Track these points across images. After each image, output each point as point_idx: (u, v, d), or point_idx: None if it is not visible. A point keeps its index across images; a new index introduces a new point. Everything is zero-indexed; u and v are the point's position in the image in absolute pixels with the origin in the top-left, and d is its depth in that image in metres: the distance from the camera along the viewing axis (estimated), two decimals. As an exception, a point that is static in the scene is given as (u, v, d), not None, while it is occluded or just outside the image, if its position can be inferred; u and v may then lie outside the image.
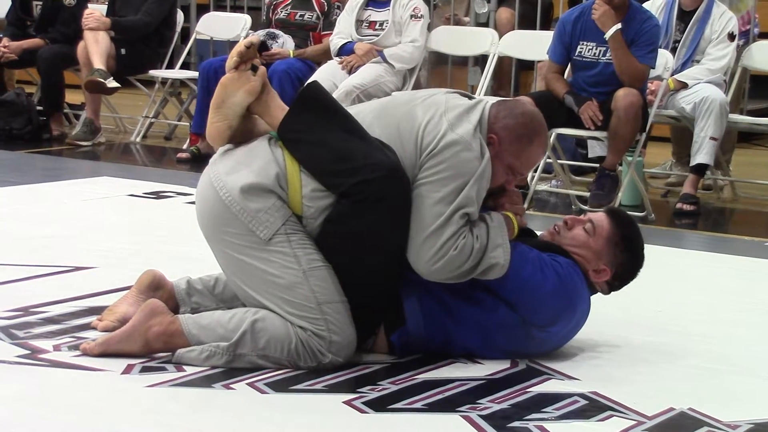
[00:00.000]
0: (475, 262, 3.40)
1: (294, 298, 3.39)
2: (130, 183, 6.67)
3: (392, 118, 3.49)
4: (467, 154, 3.39)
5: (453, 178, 3.38)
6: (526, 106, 3.64)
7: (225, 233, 3.45)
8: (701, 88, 6.83)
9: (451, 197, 3.37)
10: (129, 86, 9.11)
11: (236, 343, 3.38)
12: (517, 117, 3.53)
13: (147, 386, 3.23)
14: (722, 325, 4.21)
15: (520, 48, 7.84)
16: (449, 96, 3.55)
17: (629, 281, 3.72)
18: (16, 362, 3.39)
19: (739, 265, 5.33)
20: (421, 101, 3.52)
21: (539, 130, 3.59)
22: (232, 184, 3.43)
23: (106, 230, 5.32)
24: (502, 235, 3.46)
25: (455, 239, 3.36)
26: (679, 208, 6.72)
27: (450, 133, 3.40)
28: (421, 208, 3.38)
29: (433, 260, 3.38)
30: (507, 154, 3.51)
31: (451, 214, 3.36)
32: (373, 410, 3.15)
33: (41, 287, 4.21)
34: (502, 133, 3.49)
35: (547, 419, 3.13)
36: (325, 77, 7.61)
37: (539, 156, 3.67)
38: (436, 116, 3.44)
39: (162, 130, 9.23)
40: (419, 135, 3.42)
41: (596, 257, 3.62)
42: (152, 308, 3.46)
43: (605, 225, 3.65)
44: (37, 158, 7.85)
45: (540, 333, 3.55)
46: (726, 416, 3.21)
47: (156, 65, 8.82)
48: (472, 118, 3.46)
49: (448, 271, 3.39)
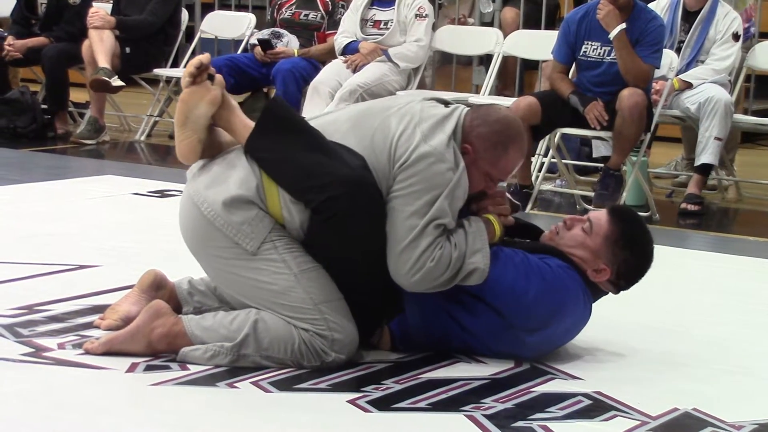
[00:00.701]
0: (455, 270, 3.39)
1: (290, 302, 3.39)
2: (135, 181, 6.67)
3: (367, 129, 3.47)
4: (440, 166, 3.37)
5: (426, 190, 3.36)
6: (501, 112, 3.59)
7: (211, 248, 3.45)
8: (706, 88, 6.82)
9: (424, 209, 3.35)
10: (133, 85, 9.12)
11: (240, 344, 3.38)
12: (491, 125, 3.49)
13: (151, 385, 3.23)
14: (727, 325, 4.21)
15: (524, 48, 7.84)
16: (425, 104, 3.52)
17: (636, 280, 3.66)
18: (20, 360, 3.39)
19: (744, 265, 5.33)
20: (396, 110, 3.49)
21: (514, 136, 3.53)
22: (213, 199, 3.42)
23: (111, 229, 5.33)
24: (481, 239, 3.44)
25: (431, 250, 3.35)
26: (684, 208, 6.71)
27: (423, 144, 3.38)
28: (395, 223, 3.38)
29: (411, 273, 3.37)
30: (483, 162, 3.48)
31: (425, 226, 3.35)
32: (377, 409, 3.15)
33: (45, 285, 4.22)
34: (477, 142, 3.46)
35: (551, 419, 3.13)
36: (330, 76, 7.62)
37: (517, 162, 3.58)
38: (410, 127, 3.42)
39: (166, 128, 9.21)
40: (392, 146, 3.40)
41: (594, 256, 3.58)
42: (156, 309, 3.46)
43: (603, 223, 3.60)
44: (42, 156, 7.85)
45: (529, 337, 3.52)
46: (730, 417, 3.20)
47: (160, 64, 8.82)
48: (447, 128, 3.44)
49: (428, 282, 3.39)
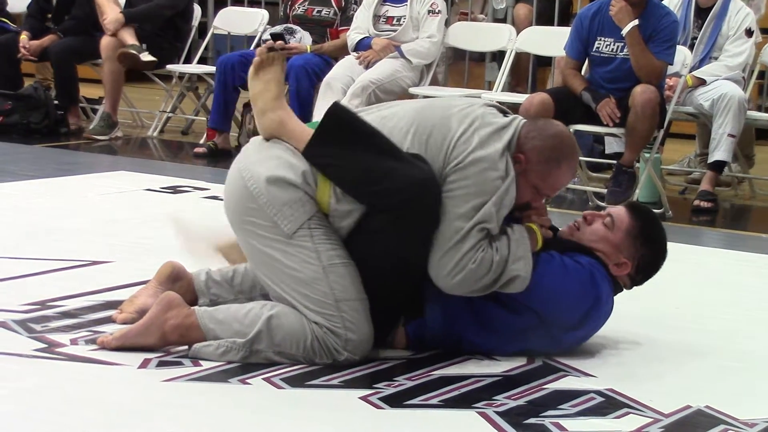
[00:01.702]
0: (496, 275, 3.40)
1: (312, 293, 3.39)
2: (147, 177, 6.68)
3: (426, 124, 3.47)
4: (492, 173, 3.39)
5: (475, 195, 3.38)
6: (558, 127, 3.62)
7: (250, 223, 3.46)
8: (719, 84, 6.81)
9: (471, 213, 3.37)
10: (146, 81, 9.14)
11: (252, 340, 3.39)
12: (546, 139, 3.51)
13: (164, 380, 3.24)
14: (740, 322, 4.20)
15: (537, 44, 7.82)
16: (486, 111, 3.52)
17: (652, 275, 3.72)
18: (33, 356, 3.40)
19: (758, 262, 5.31)
20: (458, 111, 3.49)
21: (568, 154, 3.55)
22: (260, 176, 3.44)
23: (123, 225, 5.33)
24: (524, 247, 3.46)
25: (473, 252, 3.36)
26: (697, 205, 6.70)
27: (479, 150, 3.40)
28: (441, 223, 3.39)
29: (452, 274, 3.38)
30: (533, 175, 3.49)
31: (470, 229, 3.36)
32: (389, 406, 3.15)
33: (58, 281, 4.22)
34: (530, 154, 3.48)
35: (563, 416, 3.12)
36: (343, 72, 7.61)
37: (566, 180, 3.62)
38: (470, 131, 3.43)
39: (179, 124, 9.24)
40: (450, 146, 3.41)
41: (616, 251, 3.62)
42: (169, 301, 3.47)
43: (625, 218, 3.65)
44: (55, 152, 7.86)
45: (565, 335, 3.56)
46: (743, 414, 3.20)
47: (173, 60, 8.82)
48: (504, 137, 3.45)
49: (468, 284, 3.40)
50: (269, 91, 3.55)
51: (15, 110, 8.47)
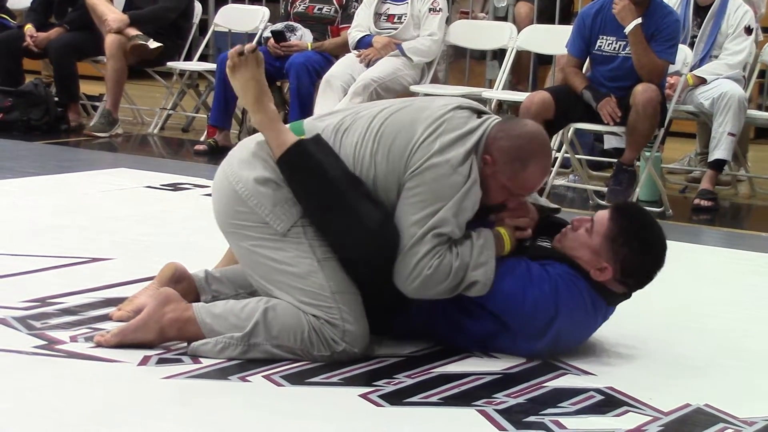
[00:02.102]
0: (457, 281, 3.40)
1: (308, 286, 3.40)
2: (148, 175, 6.68)
3: (394, 129, 3.47)
4: (449, 180, 3.38)
5: (431, 201, 3.38)
6: (527, 127, 3.56)
7: (240, 226, 3.48)
8: (720, 83, 6.81)
9: (425, 220, 3.37)
10: (147, 78, 9.13)
11: (250, 333, 3.39)
12: (512, 139, 3.47)
13: (163, 378, 3.24)
14: (740, 321, 4.20)
15: (538, 42, 7.82)
16: (456, 114, 3.49)
17: (644, 277, 3.60)
18: (32, 353, 3.40)
19: (758, 261, 5.31)
20: (427, 116, 3.47)
21: (536, 153, 3.49)
22: (247, 178, 3.46)
23: (123, 222, 5.33)
24: (487, 253, 3.43)
25: (429, 259, 3.36)
26: (697, 204, 6.70)
27: (437, 156, 3.39)
28: (399, 230, 3.40)
29: (409, 279, 3.39)
30: (501, 176, 3.47)
31: (423, 235, 3.36)
32: (389, 404, 3.15)
33: (58, 278, 4.22)
34: (496, 155, 3.45)
35: (562, 414, 3.12)
36: (343, 70, 7.61)
37: (536, 179, 3.53)
38: (432, 136, 3.42)
39: (179, 122, 9.24)
40: (411, 152, 3.41)
41: (596, 256, 3.53)
42: (165, 296, 3.48)
43: (604, 221, 3.55)
44: (55, 149, 7.86)
45: (527, 344, 3.52)
46: (742, 413, 3.20)
47: (174, 57, 8.82)
48: (468, 142, 3.43)
49: (426, 289, 3.40)
50: (248, 92, 3.56)
51: (15, 107, 8.47)
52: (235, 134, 8.27)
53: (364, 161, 3.47)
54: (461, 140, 3.43)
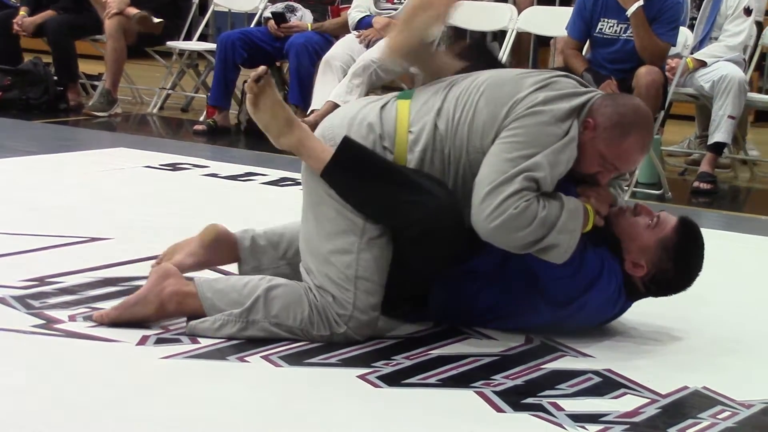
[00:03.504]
0: (538, 234, 3.29)
1: (337, 262, 3.39)
2: (147, 154, 6.67)
3: (502, 80, 3.47)
4: (549, 128, 3.33)
5: (527, 144, 3.31)
6: (636, 101, 3.56)
7: (314, 179, 3.47)
8: (720, 66, 6.80)
9: (520, 160, 3.30)
10: (147, 57, 9.12)
11: (249, 309, 3.39)
12: (618, 107, 3.44)
13: (161, 358, 3.24)
14: (738, 304, 4.21)
15: (539, 24, 7.80)
16: (565, 80, 3.48)
17: (666, 293, 3.63)
18: (31, 332, 3.40)
19: (756, 244, 5.32)
20: (537, 74, 3.48)
21: (640, 124, 3.45)
22: (339, 137, 3.44)
23: (122, 201, 5.33)
24: (576, 222, 3.35)
25: (516, 199, 3.26)
26: (696, 187, 6.70)
27: (541, 105, 3.35)
28: (487, 166, 3.33)
29: (491, 217, 3.28)
30: (599, 141, 3.40)
31: (516, 174, 3.28)
32: (387, 385, 3.15)
33: (57, 257, 4.22)
34: (599, 119, 3.40)
35: (560, 396, 3.13)
36: (343, 51, 7.59)
37: (634, 152, 3.46)
38: (539, 91, 3.39)
39: (179, 101, 9.23)
40: (515, 102, 3.37)
41: (640, 251, 3.51)
42: (165, 270, 3.49)
43: (668, 227, 3.52)
44: (54, 128, 7.85)
45: (551, 311, 3.52)
46: (740, 395, 3.20)
47: (173, 37, 8.80)
48: (575, 101, 3.40)
49: (506, 231, 3.28)
50: (276, 117, 3.48)
51: (14, 86, 8.46)
52: (235, 114, 8.26)
53: (465, 107, 3.43)
54: (567, 98, 3.40)
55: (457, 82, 3.53)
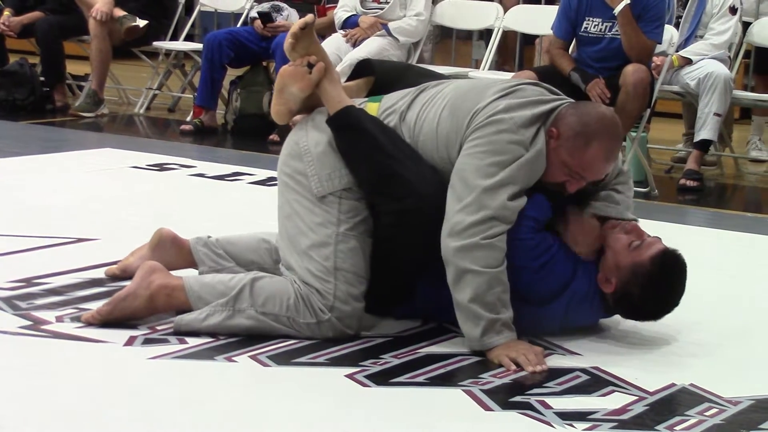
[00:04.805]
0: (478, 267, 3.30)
1: (316, 255, 3.43)
2: (133, 155, 6.66)
3: (466, 89, 3.51)
4: (511, 136, 3.34)
5: (491, 153, 3.32)
6: (600, 108, 3.54)
7: (289, 177, 3.54)
8: (705, 64, 6.81)
9: (489, 169, 3.31)
10: (133, 58, 9.10)
11: (235, 297, 3.42)
12: (581, 116, 3.42)
13: (149, 358, 3.24)
14: (724, 301, 4.21)
15: (525, 22, 7.81)
16: (531, 88, 3.49)
17: (632, 317, 3.61)
18: (18, 333, 3.39)
19: (742, 241, 5.33)
20: (501, 84, 3.49)
21: (603, 133, 3.41)
22: (312, 137, 3.54)
23: (109, 202, 5.32)
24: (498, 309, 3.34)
25: (485, 228, 3.29)
26: (683, 184, 6.71)
27: (502, 113, 3.36)
28: (458, 181, 3.35)
29: (460, 236, 3.30)
30: (562, 151, 3.40)
31: (486, 194, 3.30)
32: (375, 384, 3.15)
33: (44, 258, 4.22)
34: (562, 128, 3.40)
35: (548, 394, 3.13)
36: (330, 50, 7.55)
37: (598, 160, 3.41)
38: (501, 99, 3.40)
39: (165, 102, 9.22)
40: (476, 111, 3.39)
41: (614, 268, 3.48)
42: (151, 266, 3.53)
43: (646, 253, 3.47)
44: (40, 129, 7.84)
45: (541, 307, 3.51)
46: (727, 392, 3.21)
47: (160, 37, 8.79)
48: (538, 108, 3.40)
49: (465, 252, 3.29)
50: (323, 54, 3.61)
51: (0, 86, 8.44)
52: (221, 114, 8.26)
53: (429, 116, 3.47)
54: (529, 106, 3.40)
55: (427, 88, 3.59)
